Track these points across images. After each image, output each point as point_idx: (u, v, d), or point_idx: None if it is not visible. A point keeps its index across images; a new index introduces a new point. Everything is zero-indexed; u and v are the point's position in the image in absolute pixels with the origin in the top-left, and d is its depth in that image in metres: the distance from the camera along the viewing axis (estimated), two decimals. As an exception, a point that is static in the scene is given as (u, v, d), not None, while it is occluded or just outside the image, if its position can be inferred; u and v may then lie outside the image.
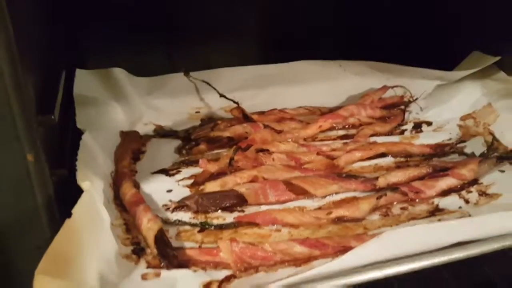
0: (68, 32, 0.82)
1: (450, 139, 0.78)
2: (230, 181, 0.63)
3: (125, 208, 0.58)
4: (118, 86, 0.77)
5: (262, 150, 0.70)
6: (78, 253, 0.43)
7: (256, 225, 0.57)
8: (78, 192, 0.51)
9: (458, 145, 0.76)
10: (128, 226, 0.55)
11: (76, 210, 0.46)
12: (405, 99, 0.89)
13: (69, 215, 0.46)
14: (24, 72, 0.48)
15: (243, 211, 0.60)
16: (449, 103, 0.85)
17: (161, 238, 0.51)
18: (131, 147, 0.70)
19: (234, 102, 0.78)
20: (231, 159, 0.66)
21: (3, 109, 0.47)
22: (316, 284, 0.45)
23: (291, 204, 0.62)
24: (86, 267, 0.43)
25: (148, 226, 0.52)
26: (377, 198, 0.61)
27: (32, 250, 0.47)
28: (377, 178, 0.65)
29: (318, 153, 0.72)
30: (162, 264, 0.50)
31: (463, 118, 0.82)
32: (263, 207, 0.60)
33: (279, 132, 0.77)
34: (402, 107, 0.87)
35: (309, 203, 0.62)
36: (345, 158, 0.71)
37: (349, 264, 0.47)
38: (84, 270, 0.42)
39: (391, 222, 0.60)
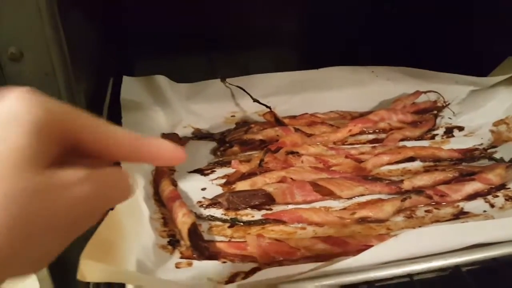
0: (115, 41, 0.89)
1: (482, 144, 0.78)
2: (259, 181, 0.66)
3: (163, 203, 0.63)
4: (161, 92, 0.83)
5: (292, 153, 0.74)
6: (119, 241, 0.48)
7: (283, 222, 0.61)
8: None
9: (489, 150, 0.76)
10: (166, 220, 0.60)
11: (119, 203, 0.51)
12: (438, 104, 0.90)
13: (112, 207, 0.52)
14: (76, 82, 0.55)
15: (271, 209, 0.63)
16: (482, 108, 0.85)
17: (194, 231, 0.56)
18: (170, 148, 0.75)
19: (267, 106, 0.82)
20: (261, 160, 0.70)
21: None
22: (334, 278, 0.48)
23: (317, 204, 0.65)
24: (126, 254, 0.47)
25: (183, 220, 0.57)
26: (402, 201, 0.63)
27: (81, 241, 0.52)
28: (402, 181, 0.67)
29: (346, 156, 0.74)
30: (194, 255, 0.54)
31: (495, 124, 0.81)
32: (290, 206, 0.64)
33: (310, 135, 0.80)
34: (435, 112, 0.88)
35: (334, 204, 0.65)
36: (373, 162, 0.73)
37: (369, 261, 0.50)
38: (124, 256, 0.47)
39: (415, 224, 0.61)
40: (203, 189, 0.67)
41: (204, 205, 0.64)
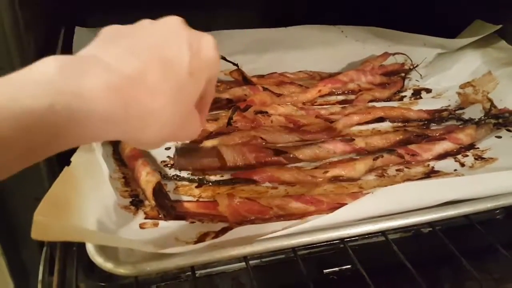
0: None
1: (449, 106, 0.78)
2: (229, 141, 0.63)
3: (123, 163, 0.58)
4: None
5: (261, 112, 0.71)
6: (76, 198, 0.43)
7: (253, 182, 0.58)
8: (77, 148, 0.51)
9: (457, 112, 0.76)
10: (127, 180, 0.56)
11: (75, 158, 0.46)
12: (406, 67, 0.89)
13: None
14: (25, 28, 0.48)
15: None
16: (449, 71, 0.85)
17: (159, 190, 0.52)
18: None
19: (234, 64, 0.78)
20: (230, 119, 0.66)
21: (4, 62, 0.48)
22: (308, 236, 0.46)
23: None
24: (84, 213, 0.43)
25: (147, 179, 0.53)
26: (374, 159, 0.62)
27: (31, 201, 0.47)
28: (353, 139, 0.65)
29: (316, 116, 0.72)
30: (160, 215, 0.50)
31: (462, 86, 0.82)
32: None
33: (278, 95, 0.77)
34: (402, 74, 0.87)
35: (306, 163, 0.63)
36: (343, 122, 0.71)
37: (343, 218, 0.48)
38: (82, 215, 0.43)
39: (386, 182, 0.60)
40: (167, 148, 0.63)
41: (169, 165, 0.60)
